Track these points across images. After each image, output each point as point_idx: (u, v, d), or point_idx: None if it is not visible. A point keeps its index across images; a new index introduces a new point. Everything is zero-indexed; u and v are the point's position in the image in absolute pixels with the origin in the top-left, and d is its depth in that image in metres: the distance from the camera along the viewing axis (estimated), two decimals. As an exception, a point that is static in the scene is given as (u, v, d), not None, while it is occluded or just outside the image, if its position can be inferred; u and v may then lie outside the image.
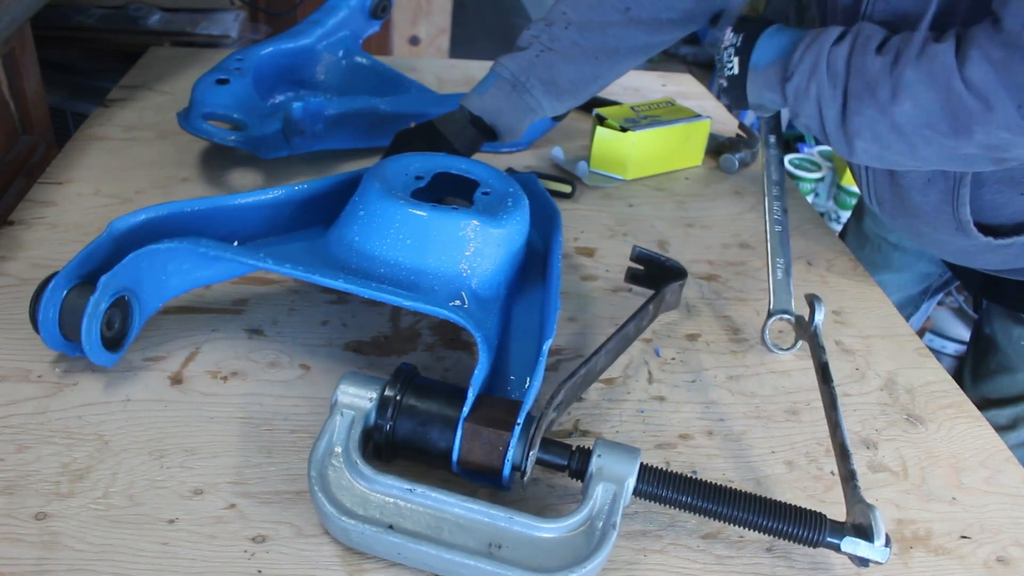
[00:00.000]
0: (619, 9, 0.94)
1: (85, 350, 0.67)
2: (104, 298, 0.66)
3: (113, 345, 0.70)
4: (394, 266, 0.71)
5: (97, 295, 0.66)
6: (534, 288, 0.80)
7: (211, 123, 1.02)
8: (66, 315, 0.67)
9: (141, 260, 0.69)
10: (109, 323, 0.68)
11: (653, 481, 0.61)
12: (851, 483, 0.62)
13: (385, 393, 0.62)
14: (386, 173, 0.77)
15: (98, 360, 0.68)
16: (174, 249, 0.70)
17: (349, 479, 0.60)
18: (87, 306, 0.65)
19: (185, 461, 0.65)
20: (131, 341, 0.73)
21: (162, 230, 0.73)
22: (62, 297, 0.67)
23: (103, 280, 0.66)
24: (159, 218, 0.73)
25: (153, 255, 0.70)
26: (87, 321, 0.65)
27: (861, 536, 0.58)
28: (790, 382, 0.81)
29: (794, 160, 2.72)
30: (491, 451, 0.60)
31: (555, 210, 0.87)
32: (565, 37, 0.95)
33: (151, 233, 0.72)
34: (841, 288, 0.97)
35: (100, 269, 0.68)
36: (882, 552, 0.58)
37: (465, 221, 0.72)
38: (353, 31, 1.24)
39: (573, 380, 0.66)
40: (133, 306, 0.71)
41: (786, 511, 0.60)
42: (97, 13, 1.73)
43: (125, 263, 0.68)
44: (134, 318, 0.72)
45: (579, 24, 0.95)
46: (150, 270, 0.72)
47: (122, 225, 0.71)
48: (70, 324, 0.67)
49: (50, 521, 0.58)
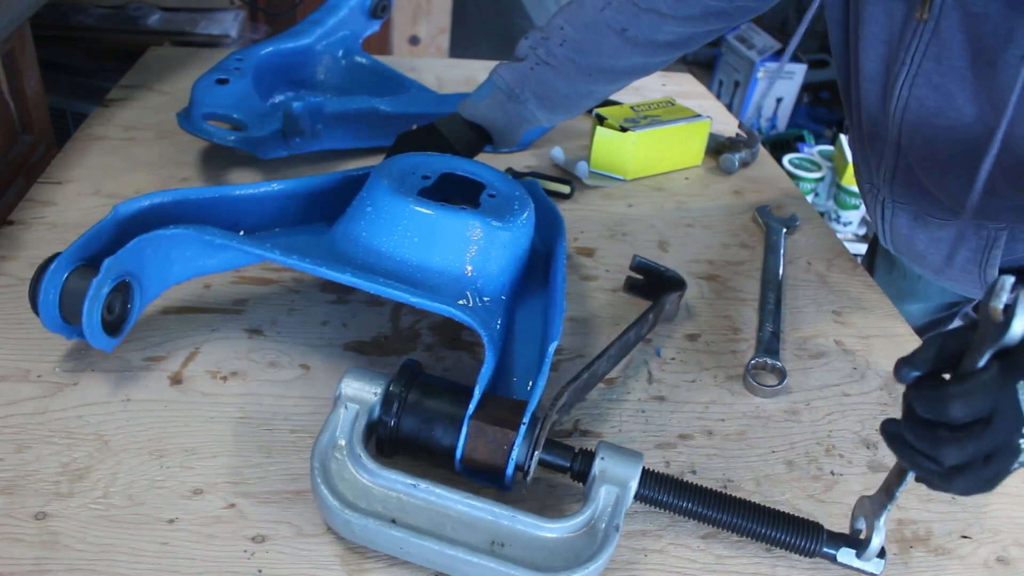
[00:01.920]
0: (615, 30, 0.93)
1: (85, 333, 0.66)
2: (107, 281, 0.66)
3: (113, 329, 0.69)
4: (401, 263, 0.71)
5: (100, 277, 0.65)
6: (536, 292, 0.80)
7: (211, 123, 1.02)
8: (67, 297, 0.66)
9: (145, 245, 0.69)
10: (110, 307, 0.68)
11: (655, 486, 0.61)
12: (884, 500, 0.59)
13: (390, 388, 0.62)
14: (394, 171, 0.77)
15: (97, 344, 0.67)
16: (180, 235, 0.70)
17: (352, 472, 0.60)
18: (90, 288, 0.64)
19: (185, 461, 0.65)
20: (130, 326, 0.72)
21: (166, 217, 0.73)
22: (63, 279, 0.66)
23: (107, 263, 0.65)
24: (164, 204, 0.73)
25: (158, 240, 0.70)
26: (89, 303, 0.64)
27: (858, 546, 0.59)
28: (790, 381, 0.81)
29: (794, 160, 2.72)
30: (496, 450, 0.60)
31: (558, 216, 0.87)
32: (560, 53, 0.94)
33: (155, 219, 0.72)
34: (841, 288, 0.97)
35: (102, 252, 0.67)
36: (877, 564, 0.59)
37: (472, 221, 0.72)
38: (353, 31, 1.24)
39: (577, 383, 0.66)
40: (134, 291, 0.71)
41: (785, 521, 0.61)
42: (97, 13, 1.73)
43: (129, 247, 0.67)
44: (135, 303, 0.71)
45: (574, 41, 0.94)
46: (154, 255, 0.71)
47: (127, 209, 0.71)
48: (70, 306, 0.66)
49: (50, 521, 0.58)
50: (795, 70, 3.22)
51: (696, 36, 0.95)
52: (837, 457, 0.73)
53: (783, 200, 1.15)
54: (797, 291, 0.95)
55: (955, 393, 0.50)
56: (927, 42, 0.74)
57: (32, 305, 0.67)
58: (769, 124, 3.30)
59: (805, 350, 0.86)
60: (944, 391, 0.50)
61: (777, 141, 3.05)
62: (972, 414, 0.49)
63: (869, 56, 0.81)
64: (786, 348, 0.86)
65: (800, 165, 2.70)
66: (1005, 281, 0.49)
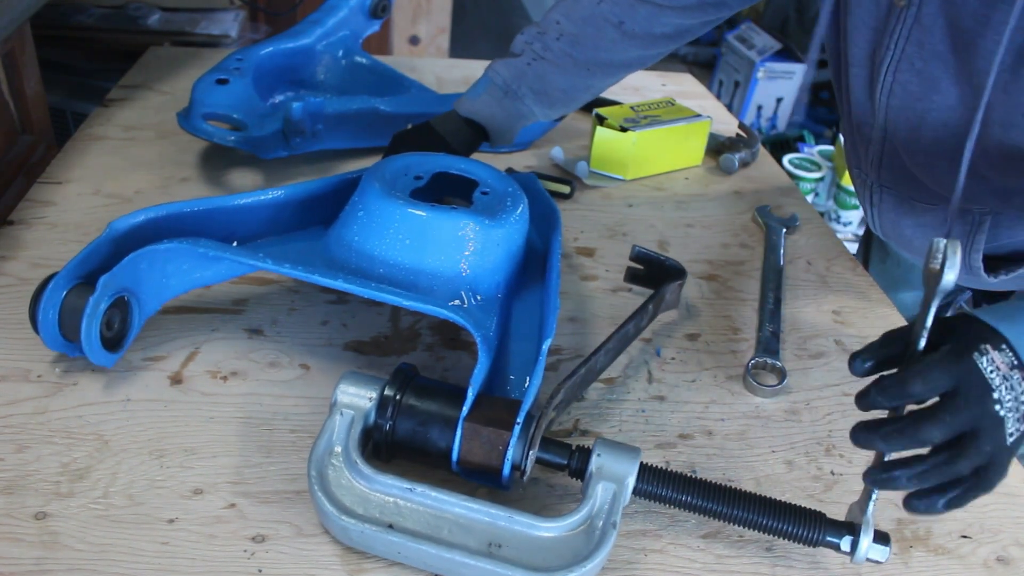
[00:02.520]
0: (612, 23, 0.93)
1: (84, 350, 0.67)
2: (103, 298, 0.66)
3: (113, 345, 0.70)
4: (393, 266, 0.71)
5: (96, 295, 0.66)
6: (533, 288, 0.80)
7: (211, 123, 1.02)
8: (66, 315, 0.67)
9: (140, 260, 0.69)
10: (108, 323, 0.68)
11: (653, 480, 0.61)
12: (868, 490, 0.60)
13: (385, 393, 0.62)
14: (385, 173, 0.77)
15: (97, 360, 0.68)
16: (173, 249, 0.70)
17: (349, 478, 0.60)
18: (86, 306, 0.65)
19: (185, 461, 0.65)
20: (131, 341, 0.73)
21: (161, 230, 0.73)
22: (61, 298, 0.67)
23: (102, 280, 0.66)
24: (158, 218, 0.73)
25: (152, 255, 0.70)
26: (86, 321, 0.65)
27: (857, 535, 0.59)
28: (790, 381, 0.81)
29: (794, 160, 2.72)
30: (491, 450, 0.60)
31: (554, 210, 0.87)
32: (557, 48, 0.94)
33: (150, 233, 0.72)
34: (841, 288, 0.97)
35: (99, 269, 0.68)
36: (881, 551, 0.58)
37: (464, 221, 0.72)
38: (353, 31, 1.24)
39: (573, 379, 0.66)
40: (132, 306, 0.71)
41: (786, 510, 0.60)
42: (97, 13, 1.73)
43: (124, 263, 0.68)
44: (133, 318, 0.72)
45: (571, 35, 0.94)
46: (149, 270, 0.72)
47: (121, 225, 0.71)
48: (70, 324, 0.67)
49: (50, 521, 0.58)
50: (795, 70, 3.22)
51: (692, 28, 0.96)
52: (837, 457, 0.73)
53: (783, 200, 1.15)
54: (797, 291, 0.95)
55: (911, 372, 0.53)
56: (909, 27, 0.75)
57: (32, 324, 0.68)
58: (769, 124, 3.31)
59: (805, 350, 0.86)
60: (901, 374, 0.54)
61: (777, 141, 3.05)
62: (933, 389, 0.53)
63: (856, 41, 0.82)
64: (786, 348, 0.86)
65: (800, 165, 2.70)
66: (938, 243, 0.53)
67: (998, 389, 0.52)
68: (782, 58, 3.21)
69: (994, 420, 0.52)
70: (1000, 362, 0.53)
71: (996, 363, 0.53)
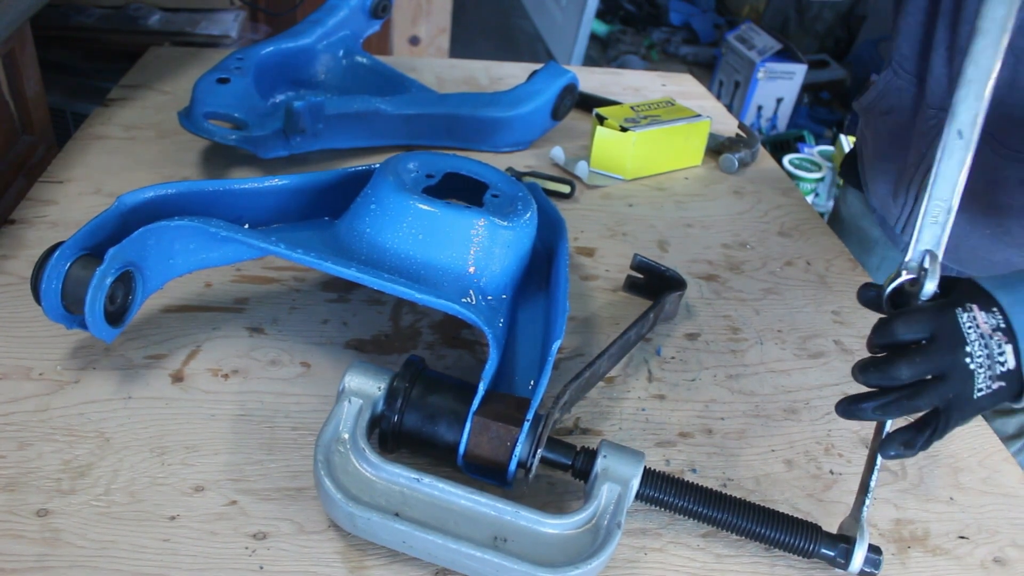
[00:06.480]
0: None
1: (87, 322, 0.65)
2: (111, 270, 0.65)
3: (114, 320, 0.69)
4: (405, 259, 0.71)
5: (105, 266, 0.65)
6: (537, 293, 0.81)
7: (212, 122, 1.02)
8: (69, 286, 0.66)
9: (149, 236, 0.69)
10: (112, 297, 0.67)
11: (656, 485, 0.62)
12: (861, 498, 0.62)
13: (394, 383, 0.62)
14: (398, 168, 0.77)
15: (98, 333, 0.67)
16: (184, 227, 0.70)
17: (356, 465, 0.60)
18: (93, 278, 0.64)
19: (186, 458, 0.65)
20: (132, 317, 0.72)
21: (169, 208, 0.72)
22: (66, 268, 0.66)
23: (111, 252, 0.65)
24: (168, 196, 0.73)
25: (162, 231, 0.69)
26: (92, 293, 0.64)
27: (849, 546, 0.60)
28: (789, 381, 0.81)
29: (794, 160, 2.72)
30: (499, 446, 0.61)
31: (559, 218, 0.87)
32: None
33: (158, 210, 0.72)
34: (841, 288, 0.97)
35: (105, 242, 0.67)
36: (875, 562, 0.60)
37: (477, 220, 0.72)
38: (353, 31, 1.24)
39: (578, 382, 0.66)
40: (137, 282, 0.70)
41: (783, 521, 0.61)
42: (97, 13, 1.74)
43: (134, 237, 0.67)
44: (137, 294, 0.71)
45: None
46: (157, 247, 0.71)
47: (131, 200, 0.71)
48: (73, 295, 0.66)
49: (51, 518, 0.59)
50: (795, 70, 3.22)
51: None
52: (836, 456, 0.73)
53: (783, 200, 1.15)
54: (797, 291, 0.96)
55: (898, 316, 0.59)
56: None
57: (34, 294, 0.67)
58: (769, 124, 3.31)
59: (805, 350, 0.86)
60: (890, 318, 0.60)
61: (777, 141, 3.06)
62: (914, 332, 0.58)
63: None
64: (786, 348, 0.86)
65: (800, 165, 2.70)
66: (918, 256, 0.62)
67: (972, 344, 0.57)
68: (782, 58, 3.21)
69: (963, 372, 0.57)
70: (982, 321, 0.57)
71: (977, 321, 0.57)
